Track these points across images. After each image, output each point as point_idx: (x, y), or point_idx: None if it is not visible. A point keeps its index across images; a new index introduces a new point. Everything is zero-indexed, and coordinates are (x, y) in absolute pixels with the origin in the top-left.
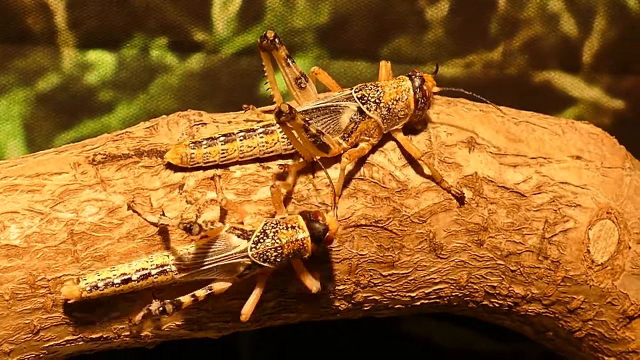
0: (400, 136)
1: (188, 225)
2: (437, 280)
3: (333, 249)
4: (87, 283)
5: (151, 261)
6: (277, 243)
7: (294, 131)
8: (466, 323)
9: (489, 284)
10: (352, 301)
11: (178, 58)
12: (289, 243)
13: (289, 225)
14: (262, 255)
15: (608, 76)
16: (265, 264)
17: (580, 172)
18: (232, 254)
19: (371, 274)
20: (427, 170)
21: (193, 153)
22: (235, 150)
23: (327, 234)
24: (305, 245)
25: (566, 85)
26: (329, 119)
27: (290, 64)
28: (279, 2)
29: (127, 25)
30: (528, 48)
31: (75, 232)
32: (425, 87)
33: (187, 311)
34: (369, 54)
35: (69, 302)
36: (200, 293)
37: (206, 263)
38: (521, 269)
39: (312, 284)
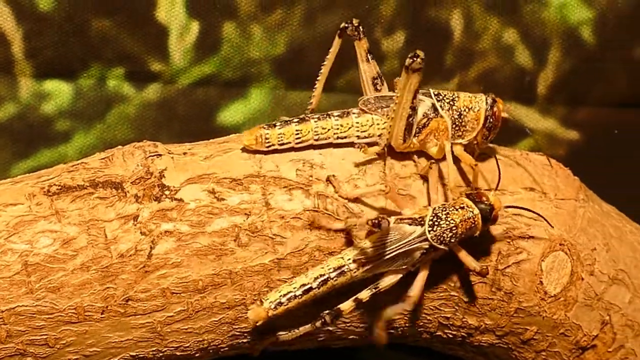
0: (458, 148)
1: (377, 221)
2: None
3: (286, 280)
4: (270, 302)
5: (327, 266)
6: (452, 223)
7: (405, 95)
8: (421, 353)
9: (442, 314)
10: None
11: (135, 88)
12: (463, 222)
13: (458, 207)
14: (439, 237)
15: (563, 107)
16: (441, 246)
17: (533, 203)
18: (409, 241)
19: (326, 305)
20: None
21: (268, 133)
22: (309, 131)
23: (493, 212)
24: (476, 223)
25: (521, 117)
26: (417, 102)
27: (370, 60)
28: (235, 33)
29: (84, 55)
30: (483, 79)
31: (30, 263)
32: (496, 109)
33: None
34: (325, 85)
35: (257, 324)
36: (364, 294)
37: (386, 254)
38: (475, 300)
39: (475, 264)
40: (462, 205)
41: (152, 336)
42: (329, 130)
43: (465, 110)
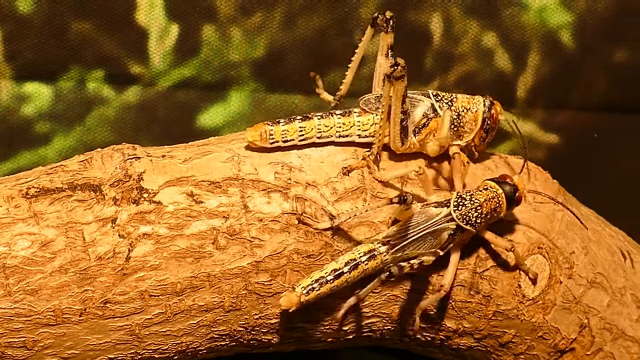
0: (455, 149)
1: (403, 197)
2: (369, 314)
3: (265, 283)
4: (302, 287)
5: (358, 251)
6: (476, 203)
7: (393, 102)
8: (400, 355)
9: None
10: (284, 334)
11: (115, 90)
12: (487, 201)
13: (482, 188)
14: (465, 217)
15: (542, 111)
16: (468, 227)
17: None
18: (436, 221)
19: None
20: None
21: (272, 130)
22: (312, 128)
23: (517, 193)
24: (501, 203)
25: (500, 120)
26: (408, 105)
27: (389, 55)
28: (215, 36)
29: (64, 57)
30: (463, 83)
31: (8, 265)
32: (493, 111)
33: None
34: (304, 88)
35: (289, 311)
36: (414, 262)
37: (413, 234)
38: (453, 303)
39: (506, 243)
40: (485, 187)
41: (130, 339)
42: (331, 128)
43: (463, 111)
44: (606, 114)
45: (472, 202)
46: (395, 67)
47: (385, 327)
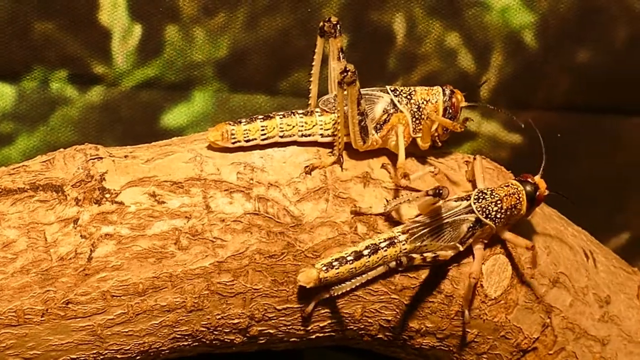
0: (421, 142)
1: (439, 190)
2: (331, 314)
3: (227, 283)
4: (322, 264)
5: (378, 237)
6: (497, 197)
7: (349, 106)
8: (364, 354)
9: (383, 317)
10: (247, 334)
11: (78, 91)
12: (507, 196)
13: (504, 185)
14: (484, 210)
15: (505, 111)
16: (487, 221)
17: None
18: (456, 212)
19: (266, 307)
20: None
21: (234, 129)
22: (274, 127)
23: (538, 192)
24: (521, 199)
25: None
26: (364, 106)
27: (341, 59)
28: (178, 36)
29: (27, 57)
30: (426, 83)
31: None
32: (454, 99)
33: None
34: (268, 88)
35: (307, 287)
36: (428, 254)
37: (433, 224)
38: (415, 303)
39: (526, 242)
40: (507, 184)
41: (92, 339)
42: (293, 127)
43: (423, 102)
44: (569, 113)
45: (492, 197)
46: (345, 74)
47: (348, 327)
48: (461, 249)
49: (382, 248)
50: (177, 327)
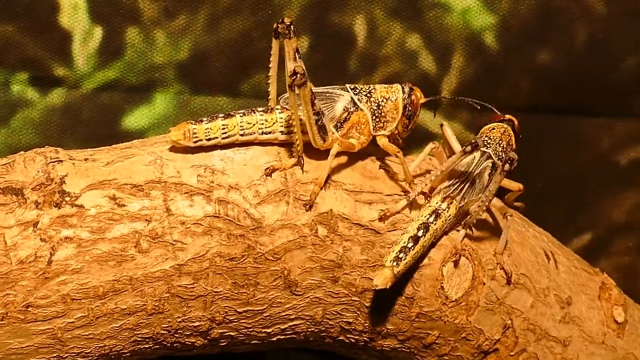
0: (384, 141)
1: (475, 144)
2: (292, 317)
3: (187, 286)
4: (390, 261)
5: (422, 216)
6: (497, 138)
7: (303, 107)
8: (327, 356)
9: (344, 319)
10: (208, 337)
11: (39, 93)
12: (503, 135)
13: (491, 128)
14: (495, 152)
15: (467, 112)
16: (499, 162)
17: None
18: (477, 163)
19: (226, 310)
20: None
21: (195, 128)
22: (235, 126)
23: (515, 124)
24: (511, 134)
25: (426, 121)
26: (324, 105)
27: (297, 59)
28: (138, 38)
29: None
30: (387, 84)
31: None
32: (413, 97)
33: None
34: (229, 90)
35: (387, 287)
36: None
37: (465, 181)
38: (376, 305)
39: (516, 185)
40: (492, 128)
41: (53, 342)
42: (254, 125)
43: (383, 100)
44: (531, 115)
45: (493, 139)
46: (295, 76)
47: (309, 329)
48: (486, 200)
49: (432, 223)
50: (138, 330)
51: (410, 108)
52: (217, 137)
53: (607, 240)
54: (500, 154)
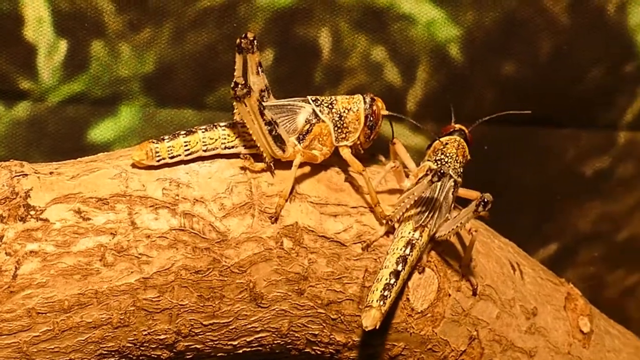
0: (346, 152)
1: (439, 173)
2: (258, 329)
3: (153, 299)
4: (377, 300)
5: (397, 248)
6: (453, 154)
7: (251, 117)
8: None
9: (310, 332)
10: (174, 350)
11: (4, 106)
12: (458, 149)
13: (444, 143)
14: (456, 171)
15: (432, 124)
16: (459, 178)
17: None
18: (441, 187)
19: (192, 323)
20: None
21: (157, 147)
22: (197, 142)
23: (467, 134)
24: (464, 146)
25: (391, 134)
26: (286, 117)
27: (260, 72)
28: (103, 52)
29: None
30: (349, 95)
31: None
32: (375, 107)
33: None
34: (195, 102)
35: (377, 326)
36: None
37: (436, 206)
38: (342, 317)
39: (476, 193)
40: (445, 142)
41: (18, 356)
42: (216, 140)
43: (345, 111)
44: (496, 126)
45: (450, 157)
46: (235, 88)
47: (275, 342)
48: (452, 216)
49: (409, 255)
50: (104, 344)
51: (372, 118)
52: (179, 155)
53: (572, 250)
54: (459, 169)
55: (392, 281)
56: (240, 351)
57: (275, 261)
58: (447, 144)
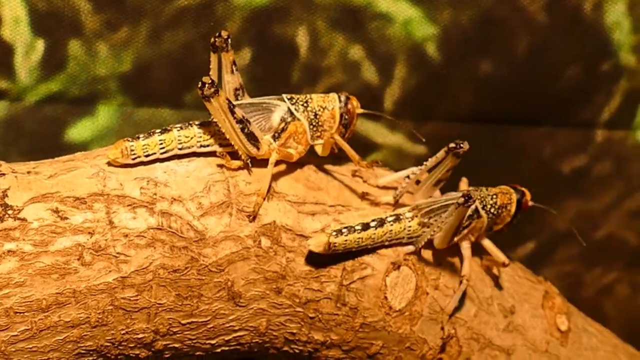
0: (321, 149)
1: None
2: (236, 328)
3: (131, 298)
4: (332, 230)
5: (386, 213)
6: (492, 192)
7: (222, 115)
8: None
9: (288, 330)
10: (152, 349)
11: None
12: (501, 194)
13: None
14: (482, 200)
15: (409, 122)
16: (483, 212)
17: None
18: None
19: (170, 322)
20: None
21: (132, 145)
22: (172, 140)
23: (524, 198)
24: (512, 200)
25: (369, 131)
26: (261, 115)
27: (234, 71)
28: (81, 51)
29: None
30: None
31: None
32: (350, 106)
33: None
34: (173, 101)
35: (318, 251)
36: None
37: (438, 203)
38: (320, 315)
39: (502, 256)
40: (499, 188)
41: None
42: (192, 138)
43: (320, 110)
44: (473, 125)
45: (488, 191)
46: (202, 89)
47: (253, 341)
48: (455, 239)
49: (389, 222)
50: (82, 343)
51: (347, 117)
52: (155, 153)
53: (550, 248)
54: (489, 207)
55: (358, 228)
56: (219, 350)
57: (253, 260)
58: (496, 188)
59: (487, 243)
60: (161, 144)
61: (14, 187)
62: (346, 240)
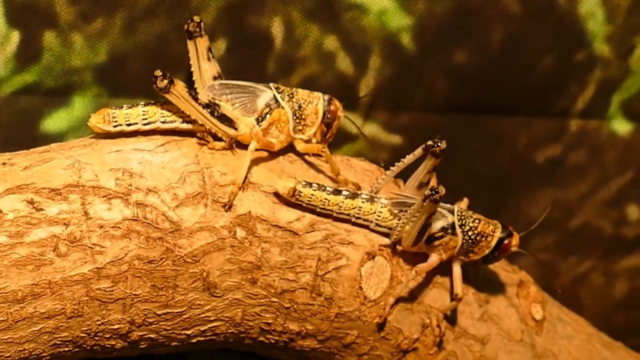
0: (302, 145)
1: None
2: (212, 318)
3: (106, 289)
4: (303, 180)
5: (363, 192)
6: (476, 217)
7: (185, 104)
8: (250, 356)
9: (263, 320)
10: (128, 340)
11: None
12: (485, 223)
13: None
14: (462, 218)
15: (385, 113)
16: (459, 230)
17: None
18: (440, 205)
19: (146, 313)
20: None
21: (115, 113)
22: (156, 113)
23: (506, 241)
24: (494, 234)
25: (344, 122)
26: (247, 97)
27: (211, 58)
28: (56, 42)
29: None
30: (305, 86)
31: None
32: (332, 107)
33: None
34: (148, 92)
35: (280, 194)
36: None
37: (410, 199)
38: (295, 305)
39: (463, 290)
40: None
41: None
42: (175, 113)
43: (304, 103)
44: (448, 115)
45: (473, 214)
46: (156, 82)
47: (229, 331)
48: (423, 247)
49: (361, 199)
50: (57, 334)
51: (329, 116)
52: (137, 123)
53: (525, 237)
54: (468, 229)
55: (329, 189)
56: (194, 340)
57: (229, 250)
58: (484, 217)
59: (456, 269)
60: (144, 114)
61: None
62: (312, 195)
